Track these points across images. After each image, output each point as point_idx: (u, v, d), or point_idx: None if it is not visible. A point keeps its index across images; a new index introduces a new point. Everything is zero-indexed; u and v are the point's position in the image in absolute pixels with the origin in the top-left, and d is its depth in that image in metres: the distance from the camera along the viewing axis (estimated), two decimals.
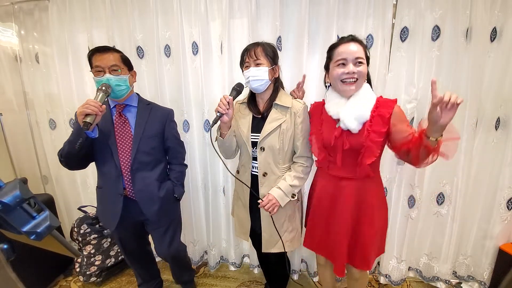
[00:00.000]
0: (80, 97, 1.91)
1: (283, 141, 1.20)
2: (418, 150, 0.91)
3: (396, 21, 1.50)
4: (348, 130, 1.05)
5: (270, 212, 1.21)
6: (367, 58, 1.06)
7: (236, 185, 1.40)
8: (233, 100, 1.15)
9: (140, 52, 1.75)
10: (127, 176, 1.27)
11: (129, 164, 1.26)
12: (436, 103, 0.80)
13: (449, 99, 0.77)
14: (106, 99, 1.14)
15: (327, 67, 1.12)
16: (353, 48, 1.01)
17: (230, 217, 1.87)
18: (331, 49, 1.08)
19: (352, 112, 1.02)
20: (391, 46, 1.53)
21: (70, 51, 1.84)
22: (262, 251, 1.32)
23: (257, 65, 1.16)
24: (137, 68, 1.75)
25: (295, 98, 1.28)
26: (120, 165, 1.25)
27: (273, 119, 1.21)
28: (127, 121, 1.28)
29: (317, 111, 1.20)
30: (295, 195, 1.25)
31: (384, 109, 1.03)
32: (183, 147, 1.50)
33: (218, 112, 1.12)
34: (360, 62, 1.01)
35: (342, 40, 1.06)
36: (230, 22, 1.60)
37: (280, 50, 1.60)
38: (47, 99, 1.99)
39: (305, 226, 1.36)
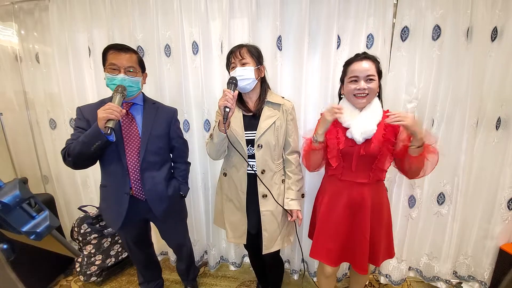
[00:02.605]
0: (81, 96, 1.91)
1: (278, 137, 1.25)
2: (404, 158, 1.08)
3: (397, 20, 1.50)
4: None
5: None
6: (380, 73, 1.15)
7: (225, 188, 1.35)
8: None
9: (140, 51, 1.75)
10: (135, 175, 1.26)
11: (137, 163, 1.25)
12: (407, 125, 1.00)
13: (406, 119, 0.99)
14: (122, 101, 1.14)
15: (342, 80, 1.22)
16: (365, 66, 1.10)
17: None
18: (347, 64, 1.18)
19: (360, 126, 1.12)
20: (391, 45, 1.53)
21: (71, 51, 1.84)
22: (263, 253, 1.30)
23: (243, 64, 1.18)
24: None
25: (282, 97, 1.32)
26: (127, 164, 1.24)
27: (268, 116, 1.23)
28: (133, 120, 1.27)
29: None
30: (304, 194, 1.36)
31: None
32: (187, 146, 1.52)
33: (226, 106, 1.08)
34: (371, 79, 1.11)
35: (356, 57, 1.15)
36: (230, 22, 1.60)
37: (280, 50, 1.60)
38: (48, 99, 1.99)
39: (310, 236, 1.37)
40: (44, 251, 0.60)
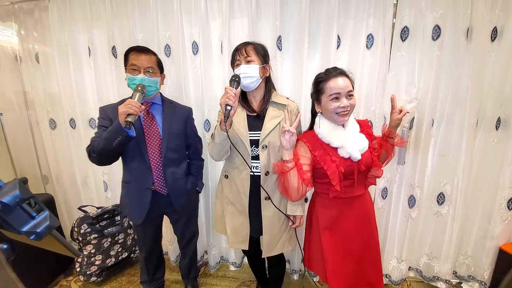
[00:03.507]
0: (81, 96, 1.92)
1: None
2: (388, 148, 1.18)
3: (397, 20, 1.50)
4: None
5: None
6: (353, 88, 1.13)
7: (227, 191, 1.32)
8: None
9: None
10: (157, 171, 1.33)
11: (159, 160, 1.33)
12: (397, 112, 1.14)
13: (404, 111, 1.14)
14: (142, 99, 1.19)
15: (317, 98, 1.14)
16: (344, 83, 1.07)
17: None
18: (320, 82, 1.11)
19: (356, 144, 1.11)
20: (391, 45, 1.53)
21: (71, 51, 1.84)
22: (263, 256, 1.29)
23: (248, 62, 1.16)
24: None
25: (287, 98, 1.30)
26: (150, 161, 1.31)
27: (272, 117, 1.21)
28: (154, 119, 1.34)
29: (316, 144, 1.14)
30: (307, 198, 1.33)
31: (367, 128, 1.21)
32: (201, 143, 1.58)
33: (228, 104, 1.05)
34: (351, 95, 1.09)
35: (330, 74, 1.09)
36: (230, 22, 1.60)
37: (280, 50, 1.60)
38: (47, 99, 1.99)
39: (309, 265, 1.33)
40: (44, 251, 0.60)
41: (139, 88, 1.17)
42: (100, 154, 1.21)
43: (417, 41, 1.48)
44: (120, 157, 1.35)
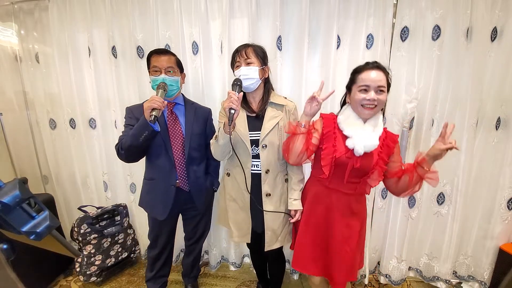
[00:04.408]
0: (81, 96, 1.92)
1: (281, 138, 1.26)
2: (413, 175, 1.06)
3: (397, 20, 1.50)
4: None
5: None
6: (388, 85, 1.09)
7: (229, 188, 1.37)
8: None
9: (140, 52, 1.75)
10: (181, 169, 1.40)
11: (183, 158, 1.39)
12: (445, 143, 1.00)
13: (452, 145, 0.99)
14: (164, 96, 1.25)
15: (349, 88, 1.15)
16: (377, 77, 1.04)
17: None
18: (356, 72, 1.11)
19: (363, 139, 1.08)
20: (391, 45, 1.53)
21: (70, 51, 1.84)
22: (265, 250, 1.32)
23: (248, 64, 1.20)
24: (137, 68, 1.76)
25: (285, 97, 1.32)
26: (174, 159, 1.37)
27: (271, 117, 1.25)
28: (177, 119, 1.41)
29: (330, 124, 1.16)
30: None
31: (390, 141, 1.14)
32: None
33: (231, 108, 1.09)
34: (382, 91, 1.06)
35: (366, 66, 1.08)
36: (230, 22, 1.60)
37: (280, 50, 1.60)
38: (47, 99, 1.99)
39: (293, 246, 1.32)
40: (44, 251, 0.60)
41: (161, 86, 1.24)
42: (128, 151, 1.28)
43: (417, 41, 1.49)
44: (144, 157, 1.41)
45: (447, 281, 1.76)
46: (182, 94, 1.47)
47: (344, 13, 1.53)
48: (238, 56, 1.22)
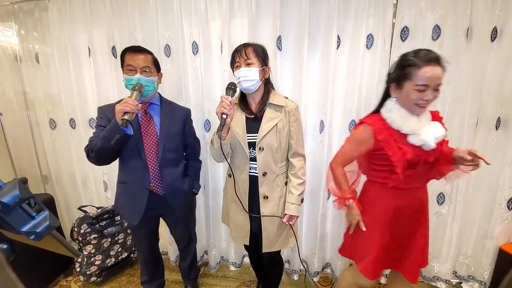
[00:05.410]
0: (81, 96, 1.91)
1: (280, 140, 1.22)
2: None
3: (397, 20, 1.50)
4: None
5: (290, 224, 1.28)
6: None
7: (230, 188, 1.35)
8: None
9: None
10: (154, 171, 1.32)
11: (156, 160, 1.32)
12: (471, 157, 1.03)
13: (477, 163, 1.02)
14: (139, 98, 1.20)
15: (399, 82, 1.02)
16: (437, 74, 0.95)
17: None
18: (409, 66, 0.97)
19: (431, 133, 1.04)
20: (391, 45, 1.53)
21: (70, 51, 1.84)
22: (263, 251, 1.31)
23: (248, 65, 1.16)
24: None
25: (286, 97, 1.29)
26: (147, 161, 1.30)
27: (269, 119, 1.21)
28: (151, 119, 1.33)
29: (381, 126, 1.07)
30: (303, 199, 1.34)
31: (438, 119, 1.11)
32: (199, 144, 1.57)
33: (223, 113, 1.08)
34: (438, 88, 0.98)
35: (423, 60, 0.95)
36: (230, 22, 1.60)
37: (280, 50, 1.60)
38: (47, 99, 1.99)
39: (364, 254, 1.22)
40: (44, 251, 0.60)
41: (137, 87, 1.18)
42: (98, 153, 1.21)
43: (417, 41, 1.48)
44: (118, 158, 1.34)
45: (447, 281, 1.76)
46: (158, 93, 1.40)
47: (344, 13, 1.53)
48: (238, 56, 1.18)
